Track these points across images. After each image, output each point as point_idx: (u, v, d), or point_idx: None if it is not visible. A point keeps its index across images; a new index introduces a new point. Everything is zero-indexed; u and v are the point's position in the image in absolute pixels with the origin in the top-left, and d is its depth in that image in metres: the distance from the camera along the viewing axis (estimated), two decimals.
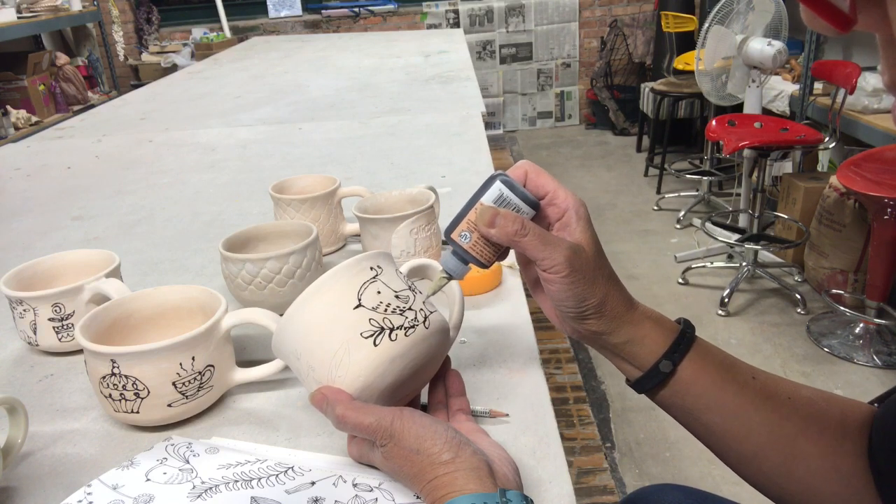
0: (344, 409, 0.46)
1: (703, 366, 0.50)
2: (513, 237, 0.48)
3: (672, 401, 0.51)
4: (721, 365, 0.51)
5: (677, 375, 0.50)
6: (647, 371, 0.51)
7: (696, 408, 0.50)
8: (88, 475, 0.52)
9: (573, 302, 0.49)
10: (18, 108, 3.64)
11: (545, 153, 4.53)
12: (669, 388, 0.51)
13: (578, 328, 0.51)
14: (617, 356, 0.52)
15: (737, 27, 2.67)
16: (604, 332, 0.50)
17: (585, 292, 0.49)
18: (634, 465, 1.78)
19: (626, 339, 0.51)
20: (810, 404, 0.50)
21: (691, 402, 0.50)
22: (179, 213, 1.10)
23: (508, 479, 0.44)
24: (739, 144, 2.36)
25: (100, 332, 0.58)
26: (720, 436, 0.50)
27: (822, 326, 2.33)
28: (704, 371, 0.50)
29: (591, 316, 0.50)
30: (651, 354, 0.50)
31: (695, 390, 0.50)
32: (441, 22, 4.74)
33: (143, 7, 4.74)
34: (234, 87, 2.14)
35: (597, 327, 0.50)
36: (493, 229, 0.49)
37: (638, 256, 2.97)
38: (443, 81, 1.99)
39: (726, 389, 0.50)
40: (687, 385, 0.50)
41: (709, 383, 0.50)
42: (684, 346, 0.50)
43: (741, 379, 0.51)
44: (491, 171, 1.18)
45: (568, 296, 0.49)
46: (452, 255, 0.52)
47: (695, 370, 0.50)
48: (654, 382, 0.51)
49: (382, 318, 0.48)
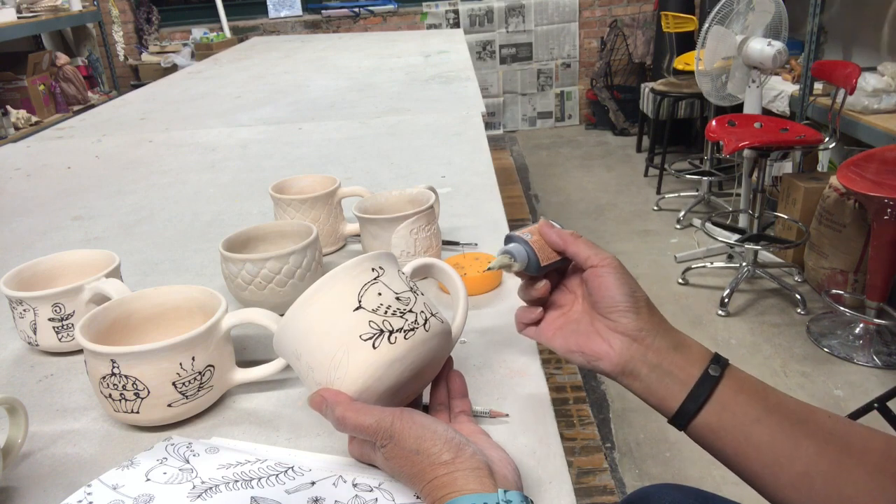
0: (343, 411, 0.46)
1: (741, 381, 0.50)
2: (568, 237, 0.54)
3: (721, 419, 0.49)
4: (757, 384, 0.50)
5: (722, 387, 0.49)
6: (698, 378, 0.49)
7: (746, 422, 0.48)
8: (88, 475, 0.52)
9: (627, 289, 0.51)
10: (18, 108, 3.64)
11: (545, 153, 4.53)
12: (716, 402, 0.49)
13: (631, 325, 0.51)
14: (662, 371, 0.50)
15: (737, 27, 2.67)
16: (655, 331, 0.51)
17: (635, 285, 0.52)
18: (634, 465, 1.78)
19: (673, 343, 0.51)
20: (850, 426, 0.49)
21: (741, 414, 0.49)
22: (179, 213, 1.10)
23: (508, 480, 0.44)
24: (739, 144, 2.36)
25: (100, 332, 0.58)
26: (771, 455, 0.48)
27: (822, 327, 2.33)
28: (744, 386, 0.50)
29: (642, 308, 0.51)
30: (698, 361, 0.50)
31: (741, 401, 0.49)
32: (441, 22, 4.74)
33: (143, 7, 4.74)
34: (234, 87, 2.14)
35: (649, 323, 0.51)
36: (552, 231, 0.55)
37: (638, 256, 2.97)
38: (443, 81, 1.99)
39: (768, 403, 0.49)
40: (733, 397, 0.49)
41: (752, 397, 0.49)
42: (724, 360, 0.51)
43: (779, 396, 0.50)
44: (491, 171, 1.18)
45: (621, 283, 0.51)
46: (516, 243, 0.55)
47: (735, 383, 0.50)
48: (705, 390, 0.49)
49: (382, 321, 0.48)
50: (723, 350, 2.20)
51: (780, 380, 2.09)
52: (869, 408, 1.66)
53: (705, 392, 0.49)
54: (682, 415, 0.50)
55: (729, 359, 0.52)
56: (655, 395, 0.51)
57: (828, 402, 1.98)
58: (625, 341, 0.51)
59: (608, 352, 0.51)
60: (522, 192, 2.77)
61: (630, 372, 0.51)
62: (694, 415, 0.49)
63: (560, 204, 3.57)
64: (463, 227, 0.96)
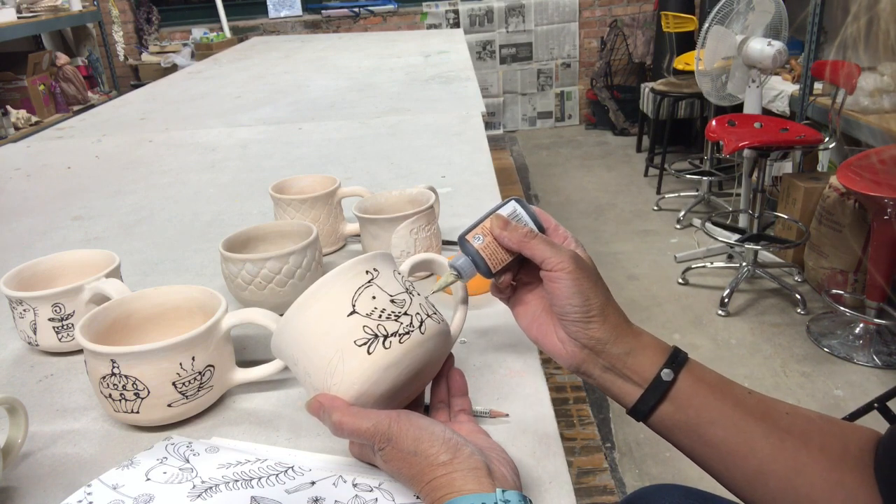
0: (341, 416, 0.46)
1: (699, 379, 0.51)
2: (522, 238, 0.52)
3: (675, 419, 0.50)
4: (717, 380, 0.51)
5: (677, 387, 0.50)
6: (651, 382, 0.50)
7: (700, 422, 0.50)
8: (88, 475, 0.52)
9: (579, 299, 0.50)
10: (18, 108, 3.64)
11: (545, 153, 4.53)
12: (671, 402, 0.50)
13: (582, 335, 0.51)
14: (616, 373, 0.51)
15: (737, 27, 2.67)
16: (607, 340, 0.51)
17: (590, 291, 0.50)
18: (634, 465, 1.78)
19: (628, 349, 0.51)
20: (809, 421, 0.50)
21: (694, 415, 0.50)
22: (179, 213, 1.10)
23: (507, 480, 0.44)
24: (739, 144, 2.36)
25: (100, 332, 0.58)
26: (725, 453, 0.49)
27: (822, 326, 2.33)
28: (702, 384, 0.50)
29: (595, 318, 0.50)
30: (652, 365, 0.51)
31: (696, 402, 0.50)
32: (441, 22, 4.74)
33: (143, 7, 4.74)
34: (234, 87, 2.14)
35: (601, 333, 0.50)
36: (505, 232, 0.53)
37: (638, 256, 2.97)
38: (443, 81, 1.99)
39: (725, 402, 0.50)
40: (688, 397, 0.50)
41: (708, 396, 0.50)
42: (682, 358, 0.51)
43: (738, 393, 0.51)
44: (491, 171, 1.18)
45: (574, 293, 0.50)
46: (464, 255, 0.55)
47: (693, 382, 0.50)
48: (657, 394, 0.50)
49: (376, 325, 0.48)
50: (723, 350, 2.21)
51: (781, 380, 2.09)
52: (869, 408, 1.66)
53: (657, 395, 0.50)
54: (637, 412, 0.51)
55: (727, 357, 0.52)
56: (610, 392, 0.52)
57: (828, 402, 1.98)
58: (577, 346, 0.51)
59: (561, 351, 0.52)
60: (522, 193, 2.77)
61: (584, 372, 0.52)
62: (648, 413, 0.51)
63: (560, 204, 3.57)
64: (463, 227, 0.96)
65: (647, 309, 2.52)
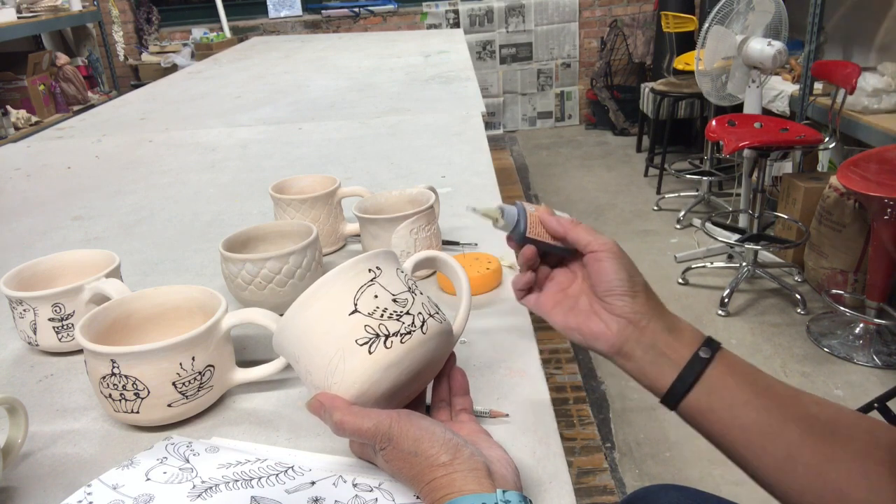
0: (342, 416, 0.46)
1: (732, 365, 0.51)
2: (568, 224, 0.55)
3: (708, 402, 0.51)
4: (748, 368, 0.52)
5: (711, 371, 0.51)
6: (688, 361, 0.51)
7: (732, 404, 0.50)
8: (88, 475, 0.52)
9: (625, 275, 0.52)
10: (18, 108, 3.64)
11: (545, 153, 4.53)
12: (704, 385, 0.51)
13: (628, 308, 0.52)
14: (657, 352, 0.52)
15: (737, 27, 2.67)
16: (651, 315, 0.52)
17: (633, 270, 0.53)
18: (634, 465, 1.78)
19: (669, 326, 0.52)
20: (838, 412, 0.50)
21: (727, 398, 0.50)
22: (179, 213, 1.10)
23: (507, 480, 0.44)
24: (739, 144, 2.36)
25: (100, 332, 0.58)
26: (755, 435, 0.50)
27: (822, 326, 2.33)
28: (734, 370, 0.51)
29: (640, 292, 0.53)
30: (691, 343, 0.52)
31: (729, 385, 0.51)
32: (441, 22, 4.74)
33: (143, 7, 4.74)
34: (234, 87, 2.14)
35: (645, 307, 0.52)
36: (552, 217, 0.56)
37: (638, 256, 2.97)
38: (443, 81, 1.99)
39: (756, 387, 0.51)
40: (722, 380, 0.51)
41: (740, 381, 0.51)
42: (716, 344, 0.52)
43: (768, 380, 0.52)
44: (491, 171, 1.18)
45: (619, 268, 0.52)
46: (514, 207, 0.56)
47: (726, 367, 0.51)
48: (694, 373, 0.51)
49: (378, 325, 0.48)
50: None
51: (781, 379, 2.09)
52: (869, 408, 1.66)
53: (694, 374, 0.51)
54: (672, 395, 0.51)
55: None
56: (648, 376, 0.52)
57: None
58: (621, 323, 0.52)
59: (605, 332, 0.53)
60: (522, 192, 2.77)
61: (625, 353, 0.52)
62: (683, 395, 0.51)
63: (560, 204, 3.57)
64: (463, 227, 0.96)
65: None
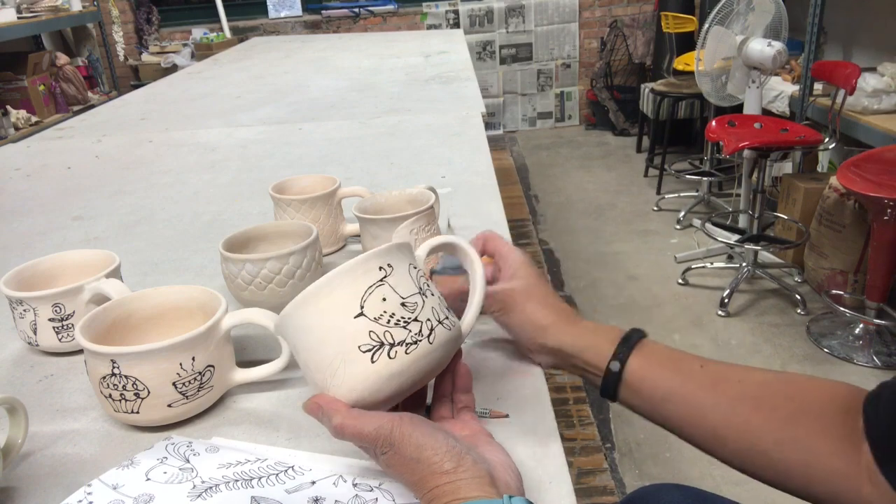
0: (342, 419, 0.45)
1: (649, 362, 0.56)
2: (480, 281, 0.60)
3: (634, 400, 0.57)
4: (668, 359, 0.57)
5: (628, 373, 0.56)
6: (604, 376, 0.57)
7: (653, 401, 0.56)
8: (88, 475, 0.52)
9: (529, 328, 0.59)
10: (18, 108, 3.64)
11: (545, 153, 4.53)
12: (627, 386, 0.56)
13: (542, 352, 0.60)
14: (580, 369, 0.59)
15: (737, 28, 2.67)
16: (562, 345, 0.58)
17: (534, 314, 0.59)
18: (634, 465, 1.78)
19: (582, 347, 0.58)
20: (762, 385, 0.54)
21: (647, 395, 0.56)
22: (179, 213, 1.10)
23: (510, 487, 0.44)
24: (739, 145, 2.36)
25: (100, 332, 0.58)
26: (679, 424, 0.55)
27: (821, 327, 2.33)
28: (651, 366, 0.56)
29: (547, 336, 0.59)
30: (605, 357, 0.57)
31: (647, 383, 0.56)
32: (441, 22, 4.74)
33: (143, 7, 4.74)
34: (234, 87, 2.14)
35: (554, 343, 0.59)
36: None
37: (638, 257, 2.97)
38: (443, 82, 1.99)
39: (675, 378, 0.55)
40: (639, 380, 0.56)
41: (658, 377, 0.56)
42: (628, 347, 0.57)
43: (687, 369, 0.56)
44: (491, 172, 1.18)
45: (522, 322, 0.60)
46: None
47: (643, 365, 0.56)
48: (612, 383, 0.56)
49: (383, 332, 0.46)
50: (723, 350, 2.21)
51: None
52: None
53: (613, 384, 0.57)
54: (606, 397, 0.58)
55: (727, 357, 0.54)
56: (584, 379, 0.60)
57: None
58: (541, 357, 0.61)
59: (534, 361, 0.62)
60: (522, 193, 2.77)
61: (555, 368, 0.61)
62: (614, 398, 0.58)
63: (560, 204, 3.57)
64: (463, 228, 0.96)
65: (647, 309, 2.52)
